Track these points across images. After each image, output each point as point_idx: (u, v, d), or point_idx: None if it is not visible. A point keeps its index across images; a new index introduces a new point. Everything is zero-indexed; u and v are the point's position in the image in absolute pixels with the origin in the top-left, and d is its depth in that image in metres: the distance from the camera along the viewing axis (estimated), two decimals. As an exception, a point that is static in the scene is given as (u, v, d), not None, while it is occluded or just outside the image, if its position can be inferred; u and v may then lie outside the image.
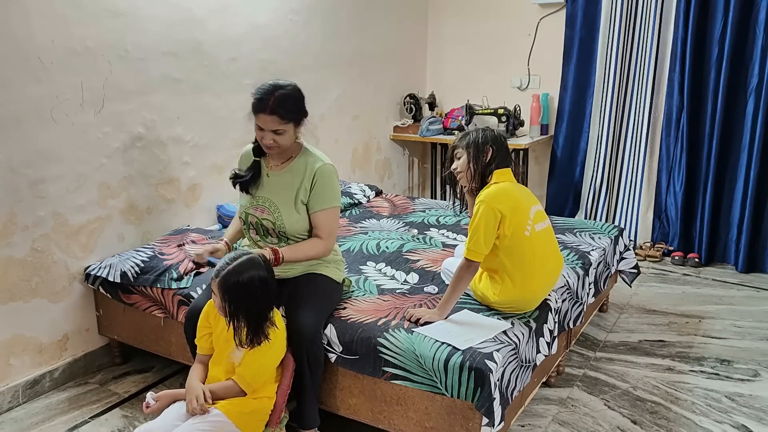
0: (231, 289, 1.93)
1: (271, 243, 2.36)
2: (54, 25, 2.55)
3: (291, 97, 2.24)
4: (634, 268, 3.34)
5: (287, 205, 2.31)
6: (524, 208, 2.27)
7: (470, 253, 2.21)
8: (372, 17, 4.46)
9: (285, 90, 2.23)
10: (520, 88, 4.80)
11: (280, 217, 2.31)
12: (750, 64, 3.89)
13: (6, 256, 2.51)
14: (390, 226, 3.39)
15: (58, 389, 2.74)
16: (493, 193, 2.24)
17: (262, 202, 2.35)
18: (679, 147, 4.18)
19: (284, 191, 2.32)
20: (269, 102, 2.18)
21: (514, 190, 2.30)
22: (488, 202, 2.20)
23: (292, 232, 2.32)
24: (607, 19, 4.32)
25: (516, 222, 2.22)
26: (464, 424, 2.01)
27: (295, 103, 2.26)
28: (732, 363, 2.91)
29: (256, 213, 2.35)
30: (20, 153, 2.50)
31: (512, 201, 2.24)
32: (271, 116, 2.19)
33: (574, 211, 4.65)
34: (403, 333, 2.14)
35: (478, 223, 2.20)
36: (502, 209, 2.20)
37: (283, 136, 2.24)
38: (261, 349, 2.00)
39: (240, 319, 1.94)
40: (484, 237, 2.19)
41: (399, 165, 5.07)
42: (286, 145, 2.29)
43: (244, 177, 2.37)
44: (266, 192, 2.35)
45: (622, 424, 2.46)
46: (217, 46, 3.28)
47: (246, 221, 2.39)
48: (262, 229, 2.36)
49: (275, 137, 2.23)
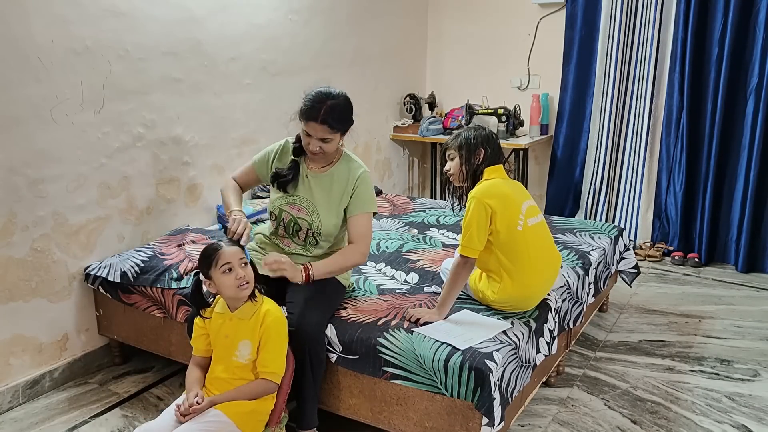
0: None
1: (296, 243, 2.38)
2: (54, 25, 2.55)
3: (342, 107, 2.26)
4: (634, 268, 3.34)
5: (326, 208, 2.33)
6: (515, 202, 2.29)
7: (464, 249, 2.23)
8: (372, 17, 4.46)
9: (336, 100, 2.25)
10: (520, 88, 4.80)
11: (317, 218, 2.33)
12: (750, 64, 3.89)
13: (6, 256, 2.51)
14: (390, 226, 3.39)
15: (57, 389, 2.73)
16: (483, 189, 2.26)
17: (300, 201, 2.36)
18: (679, 147, 4.18)
19: (324, 194, 2.34)
20: (321, 111, 2.20)
21: (505, 185, 2.31)
22: (478, 197, 2.23)
23: (327, 235, 2.35)
24: (607, 19, 4.32)
25: (508, 216, 2.24)
26: (464, 424, 2.01)
27: (345, 114, 2.29)
28: (732, 363, 2.91)
29: (293, 211, 2.36)
30: (20, 153, 2.50)
31: (502, 196, 2.26)
32: (322, 126, 2.21)
33: (574, 211, 4.65)
34: (403, 333, 2.14)
35: (470, 219, 2.22)
36: (493, 204, 2.22)
37: (330, 144, 2.27)
38: (272, 337, 2.03)
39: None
40: (477, 232, 2.20)
41: (399, 165, 5.07)
42: (331, 152, 2.33)
43: (285, 176, 2.38)
44: (305, 192, 2.37)
45: (622, 424, 2.46)
46: (217, 46, 3.28)
47: (279, 217, 2.40)
48: (293, 228, 2.37)
49: (322, 145, 2.26)
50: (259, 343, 2.03)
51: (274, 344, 2.04)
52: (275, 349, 2.05)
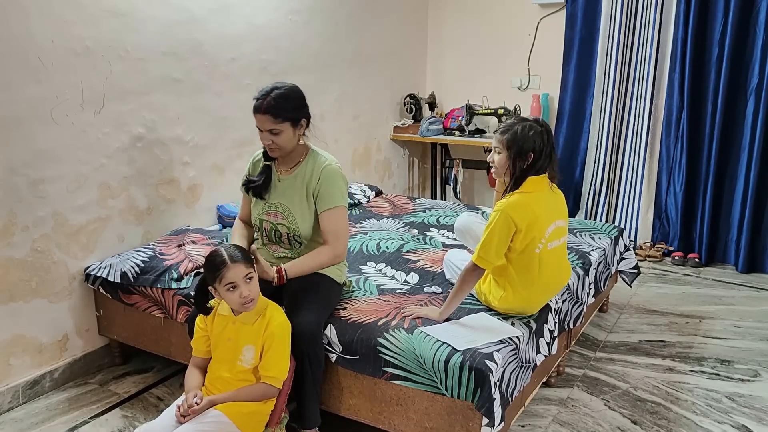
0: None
1: (284, 249, 2.37)
2: (54, 25, 2.55)
3: (285, 96, 2.25)
4: (634, 268, 3.34)
5: (300, 210, 2.32)
6: (542, 224, 2.19)
7: (480, 260, 2.16)
8: (372, 17, 4.46)
9: (280, 90, 2.25)
10: (520, 88, 4.80)
11: (294, 222, 2.32)
12: (750, 64, 3.89)
13: (6, 257, 2.51)
14: (390, 226, 3.39)
15: (58, 389, 2.73)
16: (513, 204, 2.14)
17: (275, 207, 2.35)
18: (679, 147, 4.18)
19: (296, 195, 2.33)
20: (264, 101, 2.22)
21: (538, 204, 2.18)
22: (506, 212, 2.13)
23: (307, 236, 2.33)
24: (607, 20, 4.32)
25: (529, 238, 2.17)
26: (464, 424, 2.01)
27: (290, 102, 2.26)
28: (732, 363, 2.90)
29: (271, 218, 2.36)
30: (20, 153, 2.50)
31: (531, 216, 2.15)
32: (265, 115, 2.22)
33: (574, 211, 4.65)
34: (404, 333, 2.14)
35: (492, 231, 2.14)
36: (518, 222, 2.13)
37: (280, 136, 2.25)
38: (275, 343, 2.02)
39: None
40: (496, 247, 2.14)
41: (399, 165, 5.07)
42: (286, 147, 2.29)
43: (256, 182, 2.38)
44: (279, 197, 2.36)
45: (622, 424, 2.46)
46: (217, 46, 3.28)
47: (260, 227, 2.40)
48: (275, 235, 2.36)
49: (272, 137, 2.25)
50: (263, 347, 2.03)
51: (277, 349, 2.04)
52: (278, 354, 2.04)
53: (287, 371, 2.07)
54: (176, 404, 2.00)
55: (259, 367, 2.04)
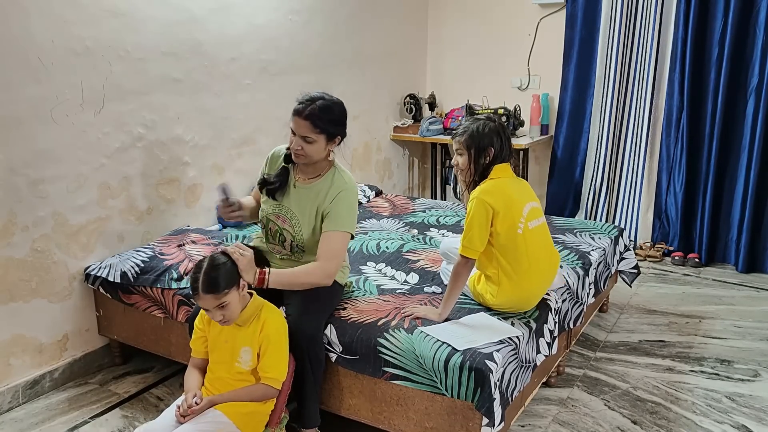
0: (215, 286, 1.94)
1: (284, 253, 2.37)
2: (54, 25, 2.55)
3: (330, 109, 2.24)
4: (634, 268, 3.34)
5: (306, 222, 2.30)
6: (517, 205, 2.27)
7: (465, 249, 2.21)
8: (372, 17, 4.46)
9: (327, 101, 2.24)
10: (520, 88, 4.80)
11: (300, 232, 2.30)
12: (750, 64, 3.89)
13: (6, 257, 2.51)
14: (390, 226, 3.39)
15: (58, 389, 2.73)
16: (486, 189, 2.24)
17: (285, 211, 2.33)
18: (679, 147, 4.18)
19: (307, 206, 2.30)
20: (308, 107, 2.20)
21: (509, 186, 2.29)
22: (480, 197, 2.21)
23: (310, 248, 2.31)
24: (607, 19, 4.31)
25: (509, 218, 2.22)
26: (464, 424, 2.01)
27: (332, 116, 2.25)
28: (732, 363, 2.90)
29: (278, 221, 2.34)
30: (20, 153, 2.50)
31: (505, 197, 2.24)
32: (305, 121, 2.20)
33: (574, 211, 4.65)
34: (404, 333, 2.14)
35: (471, 219, 2.21)
36: (494, 205, 2.20)
37: (312, 145, 2.23)
38: (272, 344, 2.02)
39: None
40: (478, 233, 2.19)
41: (399, 165, 5.06)
42: (313, 157, 2.27)
43: (272, 184, 2.36)
44: (290, 203, 2.33)
45: (622, 424, 2.46)
46: (217, 46, 3.28)
47: (266, 226, 2.39)
48: (279, 238, 2.36)
49: (303, 144, 2.22)
50: (260, 349, 2.03)
51: (274, 351, 2.03)
52: (276, 355, 2.04)
53: (286, 372, 2.07)
54: (176, 404, 2.00)
55: (258, 369, 2.04)
